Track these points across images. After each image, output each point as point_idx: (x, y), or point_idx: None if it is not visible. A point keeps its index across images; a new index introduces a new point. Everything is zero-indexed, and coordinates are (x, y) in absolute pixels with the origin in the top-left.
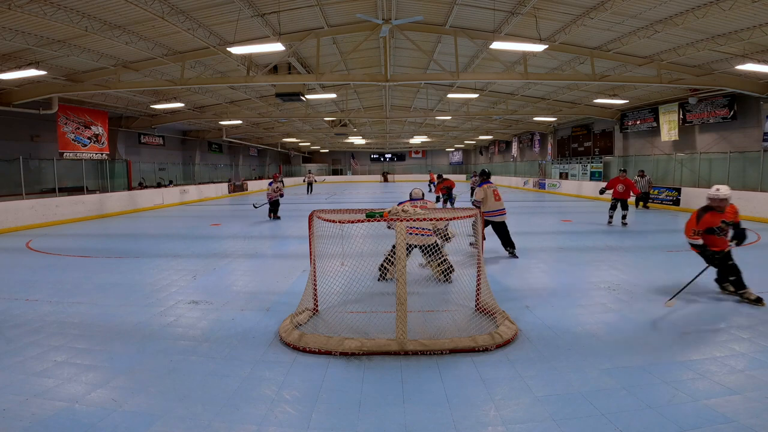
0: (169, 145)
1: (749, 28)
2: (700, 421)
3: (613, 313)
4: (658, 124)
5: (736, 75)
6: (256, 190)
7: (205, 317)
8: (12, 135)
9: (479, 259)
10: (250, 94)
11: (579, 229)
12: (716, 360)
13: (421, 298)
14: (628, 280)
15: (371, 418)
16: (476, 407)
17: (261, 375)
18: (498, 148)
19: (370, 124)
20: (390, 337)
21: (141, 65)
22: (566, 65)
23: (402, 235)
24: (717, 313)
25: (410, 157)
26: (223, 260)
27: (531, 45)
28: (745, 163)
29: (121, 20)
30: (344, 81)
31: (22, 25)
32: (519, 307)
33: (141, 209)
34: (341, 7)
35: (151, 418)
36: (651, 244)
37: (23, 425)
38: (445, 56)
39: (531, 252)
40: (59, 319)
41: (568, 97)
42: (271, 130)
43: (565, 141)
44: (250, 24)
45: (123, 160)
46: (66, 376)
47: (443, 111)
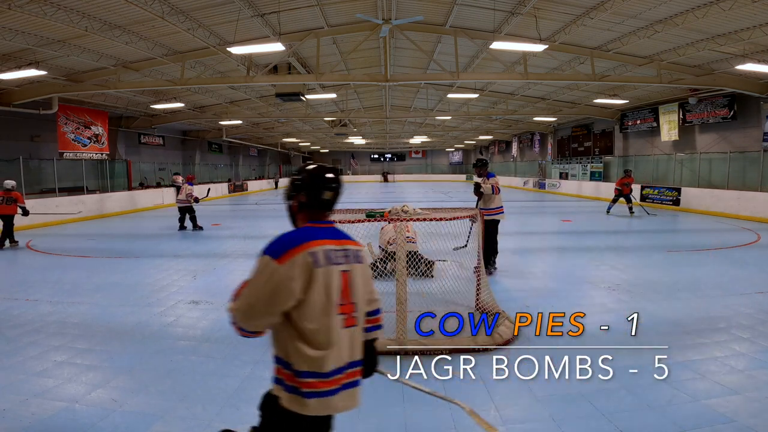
0: (169, 145)
1: (749, 28)
2: (700, 421)
3: (613, 313)
4: (658, 124)
5: (736, 75)
6: (256, 190)
7: (205, 317)
8: (12, 135)
9: (479, 260)
10: (250, 94)
11: (579, 229)
12: (716, 360)
13: (420, 298)
14: (628, 280)
15: (371, 418)
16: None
17: (261, 375)
18: (498, 148)
19: (370, 124)
20: (390, 337)
21: (141, 65)
22: (566, 65)
23: (402, 235)
24: (717, 313)
25: (410, 157)
26: (223, 260)
27: (531, 45)
28: (745, 163)
29: (121, 20)
30: (344, 81)
31: (22, 25)
32: (519, 307)
33: (141, 209)
34: (341, 7)
35: (151, 418)
36: (651, 244)
37: (23, 425)
38: (445, 56)
39: (531, 252)
40: (59, 319)
41: (568, 97)
42: (271, 130)
43: (565, 141)
44: (250, 24)
45: (123, 160)
46: (66, 376)
47: (443, 111)
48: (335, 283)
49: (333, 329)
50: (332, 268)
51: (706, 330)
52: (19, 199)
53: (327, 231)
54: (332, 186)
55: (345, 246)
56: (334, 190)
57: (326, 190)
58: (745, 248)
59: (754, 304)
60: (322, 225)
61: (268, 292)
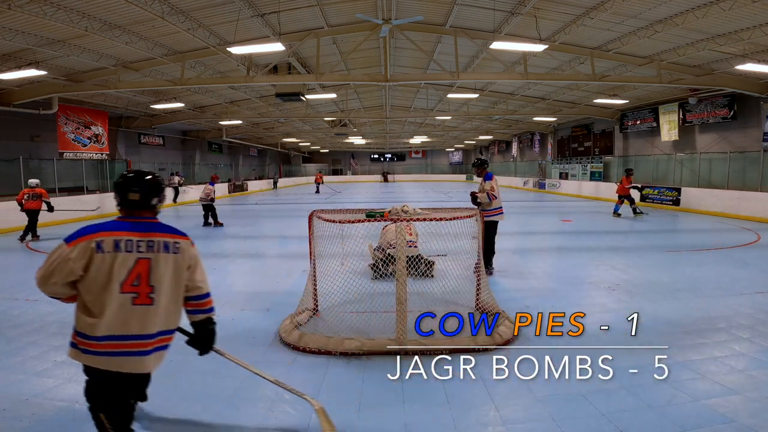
0: (169, 145)
1: (749, 28)
2: (700, 421)
3: (613, 313)
4: (658, 124)
5: (736, 75)
6: (256, 190)
7: None
8: (12, 135)
9: (479, 260)
10: (250, 94)
11: (579, 229)
12: (716, 360)
13: (420, 298)
14: (628, 280)
15: (371, 418)
16: (476, 407)
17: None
18: (498, 148)
19: (370, 124)
20: (390, 337)
21: (141, 65)
22: (566, 65)
23: (402, 235)
24: (717, 313)
25: (410, 157)
26: (223, 260)
27: (531, 45)
28: (745, 163)
29: (121, 20)
30: (344, 81)
31: (22, 25)
32: (519, 307)
33: None
34: (341, 7)
35: (151, 418)
36: (651, 244)
37: (23, 425)
38: (445, 56)
39: (531, 252)
40: (59, 319)
41: (568, 97)
42: (271, 130)
43: (565, 141)
44: (250, 24)
45: (123, 160)
46: (66, 376)
47: (443, 111)
48: (122, 266)
49: (108, 303)
50: (121, 255)
51: (706, 330)
52: (44, 194)
53: (132, 225)
54: (135, 189)
55: (151, 238)
56: (137, 192)
57: (130, 192)
58: (745, 248)
59: (754, 304)
60: (131, 220)
61: (55, 267)
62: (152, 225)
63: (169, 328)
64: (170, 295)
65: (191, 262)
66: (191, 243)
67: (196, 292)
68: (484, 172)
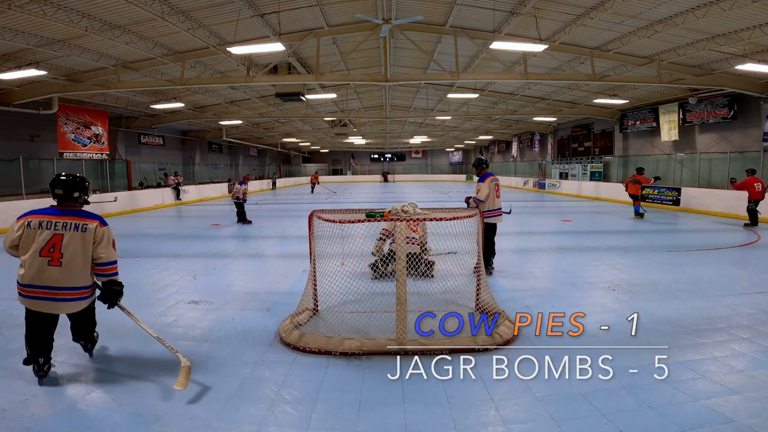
0: (169, 145)
1: (749, 28)
2: (700, 421)
3: (613, 313)
4: (658, 124)
5: (736, 75)
6: (256, 190)
7: (205, 317)
8: (12, 135)
9: (479, 260)
10: (250, 94)
11: (579, 229)
12: (716, 360)
13: (420, 298)
14: (628, 280)
15: (371, 418)
16: (476, 407)
17: (261, 375)
18: (498, 148)
19: (370, 124)
20: (390, 337)
21: (141, 65)
22: (566, 65)
23: (402, 234)
24: (717, 313)
25: (410, 157)
26: (223, 260)
27: (531, 45)
28: (745, 163)
29: (121, 20)
30: (344, 81)
31: (22, 25)
32: (519, 307)
33: (141, 209)
34: (341, 7)
35: (151, 418)
36: (651, 244)
37: (23, 425)
38: (445, 56)
39: (531, 252)
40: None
41: (568, 97)
42: (271, 130)
43: (565, 141)
44: (250, 24)
45: (123, 160)
46: (66, 376)
47: (443, 111)
48: (41, 238)
49: (32, 263)
50: (41, 231)
51: (706, 330)
52: None
53: (56, 211)
54: (59, 186)
55: (65, 221)
56: (61, 188)
57: (56, 188)
58: (745, 248)
59: (754, 304)
60: (58, 207)
61: (7, 235)
62: (71, 211)
63: (77, 285)
64: (78, 262)
65: (97, 239)
66: (101, 224)
67: (99, 260)
68: (482, 173)
